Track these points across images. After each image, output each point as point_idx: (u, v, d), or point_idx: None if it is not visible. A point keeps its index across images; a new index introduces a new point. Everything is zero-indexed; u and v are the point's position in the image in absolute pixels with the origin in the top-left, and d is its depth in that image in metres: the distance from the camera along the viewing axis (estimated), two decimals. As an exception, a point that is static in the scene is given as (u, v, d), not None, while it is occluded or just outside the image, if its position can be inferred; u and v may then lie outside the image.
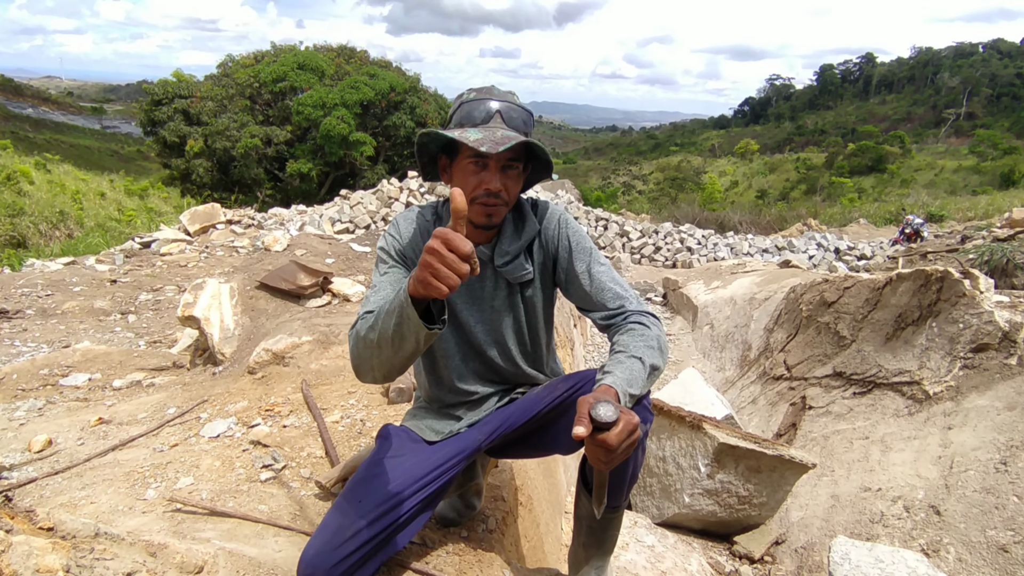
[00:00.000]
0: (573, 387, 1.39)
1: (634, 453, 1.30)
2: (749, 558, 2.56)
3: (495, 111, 1.31)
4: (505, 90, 1.38)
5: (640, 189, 46.96)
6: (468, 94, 1.37)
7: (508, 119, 1.32)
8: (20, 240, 12.65)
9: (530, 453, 1.61)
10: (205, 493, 1.82)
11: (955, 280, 2.95)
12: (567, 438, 1.39)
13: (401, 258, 1.42)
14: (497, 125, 1.30)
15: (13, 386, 3.07)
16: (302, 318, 3.26)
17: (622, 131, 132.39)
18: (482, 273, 1.43)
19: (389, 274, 1.38)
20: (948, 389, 2.72)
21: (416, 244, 1.43)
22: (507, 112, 1.32)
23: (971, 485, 2.23)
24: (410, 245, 1.42)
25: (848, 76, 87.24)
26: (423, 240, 1.42)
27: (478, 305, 1.46)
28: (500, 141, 1.24)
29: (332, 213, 10.42)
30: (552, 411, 1.42)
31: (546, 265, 1.46)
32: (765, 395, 3.96)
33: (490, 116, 1.31)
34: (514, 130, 1.31)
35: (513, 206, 1.44)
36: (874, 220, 17.47)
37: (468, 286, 1.44)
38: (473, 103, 1.33)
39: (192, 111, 20.19)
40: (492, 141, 1.24)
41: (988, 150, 45.35)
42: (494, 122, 1.31)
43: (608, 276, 1.41)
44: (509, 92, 1.38)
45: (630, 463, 1.32)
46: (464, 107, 1.33)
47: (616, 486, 1.36)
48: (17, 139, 29.84)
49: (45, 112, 73.18)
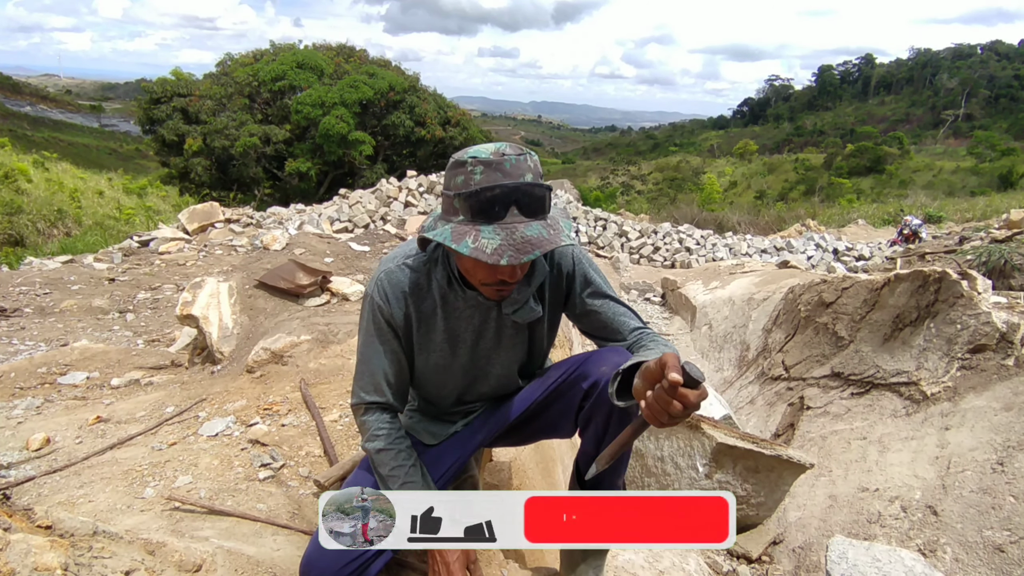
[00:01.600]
0: (565, 373, 1.40)
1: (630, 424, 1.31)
2: (747, 558, 2.57)
3: (512, 202, 1.11)
4: (513, 148, 1.15)
5: (639, 189, 46.98)
6: (474, 170, 1.13)
7: (528, 207, 1.12)
8: (18, 238, 12.63)
9: (527, 440, 1.62)
10: (203, 492, 1.82)
11: (953, 281, 2.96)
12: (565, 422, 1.41)
13: (391, 329, 1.33)
14: (515, 220, 1.11)
15: (11, 384, 3.06)
16: (301, 317, 3.26)
17: (621, 131, 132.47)
18: (487, 316, 1.36)
19: (381, 350, 1.33)
20: (946, 390, 2.73)
21: (405, 310, 1.33)
22: (525, 198, 1.12)
23: (968, 485, 2.23)
24: (400, 314, 1.33)
25: (847, 77, 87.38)
26: (410, 300, 1.32)
27: (482, 346, 1.41)
28: (521, 247, 1.08)
29: (331, 212, 10.41)
30: (547, 397, 1.43)
31: (557, 301, 1.42)
32: (763, 395, 3.97)
33: (506, 208, 1.11)
34: (535, 217, 1.13)
35: None
36: (872, 221, 17.49)
37: (475, 332, 1.37)
38: (483, 195, 1.11)
39: (191, 110, 20.15)
40: (512, 248, 1.08)
41: (986, 151, 45.47)
42: (511, 216, 1.11)
43: (621, 309, 1.39)
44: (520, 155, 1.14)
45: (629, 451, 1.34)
46: (473, 199, 1.11)
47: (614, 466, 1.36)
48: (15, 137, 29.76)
49: (43, 110, 73.02)
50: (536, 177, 1.14)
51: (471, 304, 1.34)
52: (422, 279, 1.33)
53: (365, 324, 1.35)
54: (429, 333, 1.36)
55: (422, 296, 1.33)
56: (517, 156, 1.13)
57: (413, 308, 1.33)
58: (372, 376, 1.35)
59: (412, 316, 1.34)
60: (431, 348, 1.38)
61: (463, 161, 1.14)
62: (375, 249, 4.98)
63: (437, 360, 1.39)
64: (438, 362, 1.39)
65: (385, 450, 1.33)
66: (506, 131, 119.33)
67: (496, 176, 1.11)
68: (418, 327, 1.35)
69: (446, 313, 1.35)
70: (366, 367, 1.35)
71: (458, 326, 1.36)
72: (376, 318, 1.33)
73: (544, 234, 1.11)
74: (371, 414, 1.36)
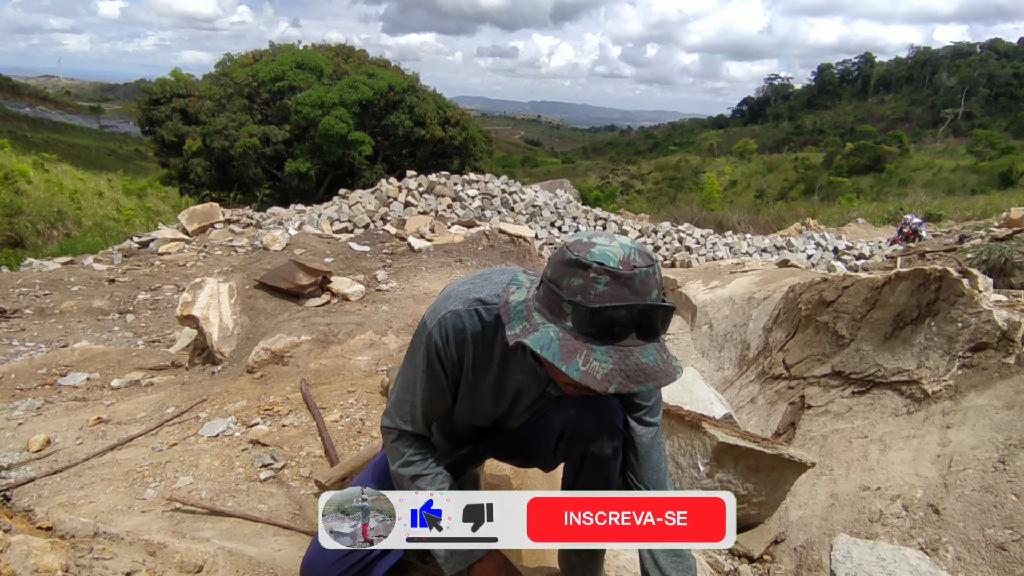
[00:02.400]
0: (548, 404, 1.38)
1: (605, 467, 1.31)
2: (748, 557, 2.56)
3: (634, 325, 0.98)
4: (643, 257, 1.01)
5: (639, 189, 46.95)
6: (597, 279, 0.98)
7: (648, 331, 1.00)
8: (18, 239, 12.63)
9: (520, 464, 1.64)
10: (204, 492, 1.82)
11: (954, 279, 2.96)
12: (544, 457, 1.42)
13: (443, 370, 1.27)
14: (632, 343, 0.99)
15: (11, 386, 3.06)
16: (301, 317, 3.26)
17: (620, 131, 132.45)
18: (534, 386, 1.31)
19: (427, 386, 1.28)
20: (947, 388, 2.72)
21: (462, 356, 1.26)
22: (648, 322, 0.99)
23: (970, 484, 2.23)
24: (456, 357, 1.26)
25: (846, 76, 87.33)
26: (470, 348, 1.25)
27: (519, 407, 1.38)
28: (633, 376, 0.97)
29: (331, 212, 10.41)
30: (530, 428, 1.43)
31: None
32: (764, 394, 3.96)
33: (627, 332, 0.99)
34: (652, 339, 1.01)
35: None
36: (872, 220, 17.48)
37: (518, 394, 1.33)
38: (605, 314, 0.97)
39: (190, 110, 20.16)
40: (623, 375, 0.97)
41: (986, 150, 45.44)
42: (629, 339, 0.99)
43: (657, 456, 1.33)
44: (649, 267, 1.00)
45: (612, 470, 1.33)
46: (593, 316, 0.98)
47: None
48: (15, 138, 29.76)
49: (43, 111, 73.02)
50: (661, 292, 1.02)
51: (527, 372, 1.28)
52: (488, 332, 1.24)
53: (418, 357, 1.28)
54: (478, 383, 1.31)
55: (484, 349, 1.26)
56: (647, 269, 1.00)
57: (471, 357, 1.26)
58: (412, 408, 1.30)
59: (468, 364, 1.27)
60: (476, 397, 1.33)
61: (587, 264, 0.99)
62: (375, 249, 4.98)
63: (477, 407, 1.36)
64: (476, 409, 1.36)
65: (422, 476, 1.31)
66: (506, 131, 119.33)
67: (623, 293, 0.97)
68: (469, 374, 1.30)
69: (500, 370, 1.29)
70: (408, 396, 1.30)
71: (506, 385, 1.31)
72: (430, 355, 1.25)
73: (659, 362, 0.99)
74: (404, 441, 1.34)
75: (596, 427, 1.26)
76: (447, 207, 11.12)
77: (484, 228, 6.35)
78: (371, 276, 4.18)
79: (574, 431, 1.27)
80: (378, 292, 3.87)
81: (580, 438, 1.26)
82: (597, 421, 1.26)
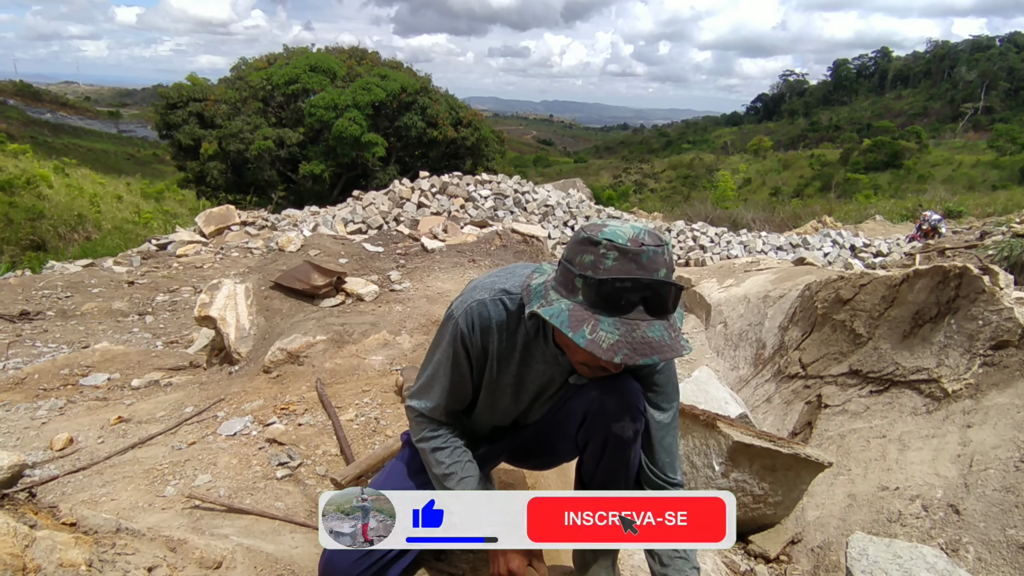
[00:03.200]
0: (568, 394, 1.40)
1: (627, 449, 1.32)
2: (765, 557, 2.54)
3: (641, 299, 1.03)
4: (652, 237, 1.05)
5: (652, 187, 46.69)
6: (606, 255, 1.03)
7: (655, 306, 1.04)
8: (40, 243, 12.88)
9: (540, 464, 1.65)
10: (223, 490, 1.84)
11: (974, 276, 2.91)
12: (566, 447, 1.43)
13: (468, 358, 1.31)
14: (639, 317, 1.03)
15: (35, 386, 3.12)
16: (316, 317, 3.29)
17: (633, 129, 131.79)
18: (555, 376, 1.34)
19: (451, 372, 1.32)
20: (967, 387, 2.68)
21: (487, 345, 1.30)
22: (656, 297, 1.03)
23: (991, 484, 2.19)
24: (480, 346, 1.30)
25: (863, 71, 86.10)
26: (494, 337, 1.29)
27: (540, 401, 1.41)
28: (640, 348, 1.01)
29: (345, 214, 10.48)
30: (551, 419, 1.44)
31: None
32: (780, 393, 3.93)
33: (633, 305, 1.03)
34: (660, 316, 1.05)
35: None
36: (890, 217, 17.22)
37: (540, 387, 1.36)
38: (611, 286, 1.02)
39: (206, 114, 20.43)
40: (630, 347, 1.01)
41: (1007, 144, 44.55)
42: (636, 312, 1.03)
43: (670, 442, 1.36)
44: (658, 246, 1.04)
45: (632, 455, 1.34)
46: (600, 287, 1.03)
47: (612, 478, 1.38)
48: (36, 144, 30.35)
49: (63, 117, 74.36)
50: (670, 272, 1.05)
51: (549, 360, 1.31)
52: (512, 322, 1.28)
53: (444, 343, 1.32)
54: (501, 374, 1.34)
55: (507, 337, 1.29)
56: (655, 248, 1.04)
57: (495, 346, 1.30)
58: (434, 393, 1.35)
59: (492, 353, 1.31)
60: (497, 389, 1.36)
61: (597, 241, 1.05)
62: (389, 250, 5.01)
63: (498, 400, 1.38)
64: (497, 402, 1.39)
65: (441, 448, 1.35)
66: (518, 131, 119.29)
67: (630, 267, 1.02)
68: (492, 364, 1.33)
69: (523, 360, 1.32)
70: (432, 382, 1.35)
71: (527, 376, 1.34)
72: (456, 343, 1.29)
73: (666, 338, 1.03)
74: (424, 419, 1.39)
75: (619, 409, 1.27)
76: (460, 207, 11.15)
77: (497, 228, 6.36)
78: (385, 276, 4.21)
79: (598, 412, 1.28)
80: (392, 292, 3.90)
81: (603, 420, 1.27)
82: (620, 403, 1.27)
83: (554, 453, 1.51)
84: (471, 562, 1.54)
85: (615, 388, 1.28)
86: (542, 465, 1.65)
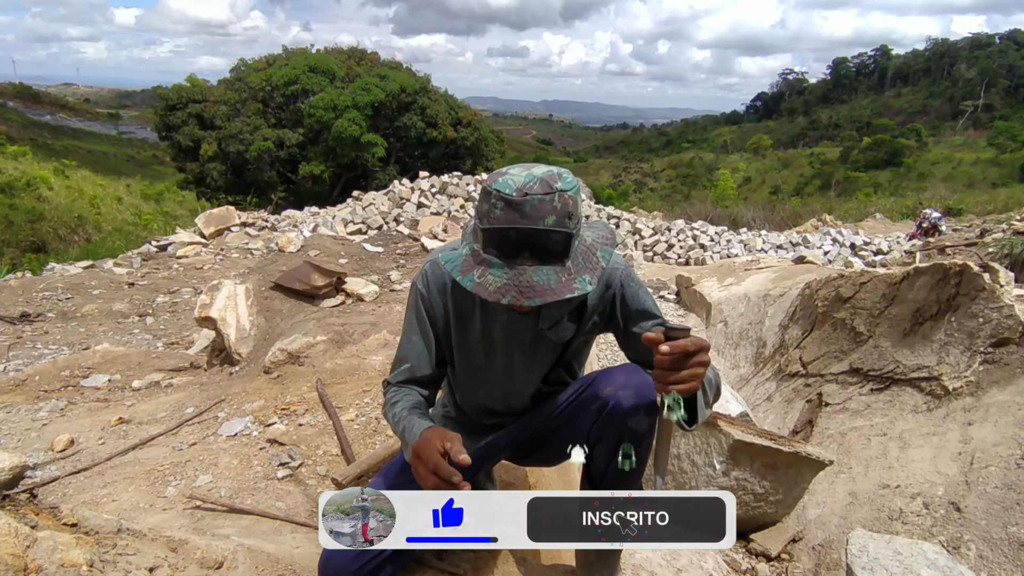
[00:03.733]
0: (575, 394, 1.40)
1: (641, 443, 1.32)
2: (766, 556, 2.54)
3: (524, 246, 1.10)
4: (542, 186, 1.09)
5: (652, 187, 46.68)
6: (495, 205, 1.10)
7: (542, 253, 1.10)
8: (40, 245, 12.89)
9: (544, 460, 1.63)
10: (223, 491, 1.84)
11: (974, 274, 2.91)
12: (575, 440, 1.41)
13: (429, 319, 1.37)
14: (526, 263, 1.10)
15: (36, 387, 3.12)
16: (316, 318, 3.29)
17: (633, 128, 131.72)
18: (523, 326, 1.36)
19: (418, 336, 1.37)
20: (968, 384, 2.68)
21: (445, 304, 1.36)
22: (539, 244, 1.10)
23: (992, 481, 2.19)
24: (439, 305, 1.36)
25: (862, 69, 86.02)
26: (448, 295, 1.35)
27: (517, 358, 1.41)
28: (525, 292, 1.08)
29: (345, 214, 10.48)
30: (559, 419, 1.43)
31: (596, 323, 1.40)
32: (780, 392, 3.93)
33: (518, 251, 1.10)
34: (549, 263, 1.11)
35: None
36: (890, 215, 17.21)
37: (509, 338, 1.37)
38: (496, 234, 1.10)
39: (206, 115, 20.45)
40: (516, 290, 1.09)
41: (1007, 142, 44.53)
42: (522, 259, 1.10)
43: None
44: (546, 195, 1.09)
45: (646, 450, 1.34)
46: (488, 235, 1.11)
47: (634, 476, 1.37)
48: (36, 146, 30.37)
49: (63, 119, 74.40)
50: (561, 219, 1.10)
51: (507, 309, 1.32)
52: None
53: (408, 312, 1.39)
54: (466, 331, 1.38)
55: (462, 293, 1.34)
56: (542, 196, 1.08)
57: (452, 304, 1.35)
58: (404, 359, 1.39)
59: (451, 311, 1.36)
60: (468, 347, 1.39)
61: (489, 191, 1.12)
62: (389, 250, 5.01)
63: (473, 360, 1.40)
64: (474, 363, 1.41)
65: (395, 403, 1.33)
66: (517, 130, 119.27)
67: (513, 217, 1.08)
68: (456, 323, 1.37)
69: (484, 313, 1.35)
70: (401, 350, 1.39)
71: (494, 329, 1.36)
72: (417, 305, 1.36)
73: (552, 282, 1.09)
74: (390, 387, 1.39)
75: (634, 404, 1.27)
76: (460, 207, 11.15)
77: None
78: (385, 276, 4.21)
79: (614, 407, 1.28)
80: (392, 292, 3.90)
81: (618, 415, 1.27)
82: (635, 398, 1.27)
83: (561, 448, 1.50)
84: (471, 562, 1.54)
85: (629, 383, 1.29)
86: (546, 461, 1.64)
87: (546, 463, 1.68)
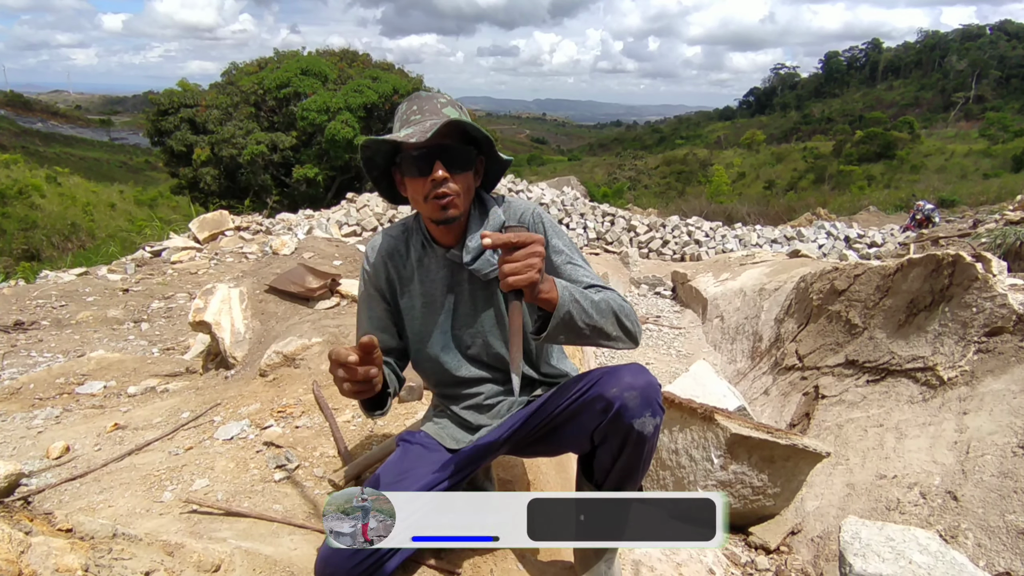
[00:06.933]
0: (579, 392, 1.39)
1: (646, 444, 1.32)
2: (765, 548, 2.55)
3: (417, 109, 1.39)
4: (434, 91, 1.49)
5: (646, 184, 46.70)
6: (400, 103, 1.46)
7: (431, 112, 1.38)
8: (34, 252, 12.84)
9: (543, 452, 1.62)
10: (220, 494, 1.83)
11: (967, 264, 2.92)
12: (580, 440, 1.41)
13: (377, 292, 1.51)
14: (425, 118, 1.36)
15: (30, 395, 3.11)
16: (311, 320, 3.28)
17: (626, 126, 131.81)
18: (458, 277, 1.46)
19: (368, 313, 1.52)
20: (963, 374, 2.69)
21: (387, 274, 1.50)
22: (427, 105, 1.40)
23: (988, 470, 2.20)
24: (383, 276, 1.50)
25: (854, 63, 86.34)
26: (389, 264, 1.50)
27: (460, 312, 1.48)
28: (428, 129, 1.29)
29: (339, 217, 10.46)
30: (562, 416, 1.42)
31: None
32: (777, 385, 3.94)
33: (417, 115, 1.38)
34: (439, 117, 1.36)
35: (476, 201, 1.46)
36: (884, 207, 17.29)
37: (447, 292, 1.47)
38: (398, 107, 1.44)
39: (198, 120, 20.36)
40: (420, 131, 1.30)
41: (999, 133, 44.79)
42: (421, 117, 1.37)
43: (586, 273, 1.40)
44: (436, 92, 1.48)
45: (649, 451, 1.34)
46: (394, 112, 1.46)
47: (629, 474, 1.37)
48: (28, 154, 30.25)
49: (54, 126, 74.07)
50: (450, 104, 1.40)
51: (443, 264, 1.46)
52: (400, 245, 1.50)
53: (359, 290, 1.54)
54: (411, 299, 1.49)
55: (401, 261, 1.49)
56: (429, 91, 1.54)
57: (394, 271, 1.49)
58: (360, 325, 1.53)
59: (394, 280, 1.49)
60: (413, 314, 1.49)
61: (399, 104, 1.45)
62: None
63: (420, 327, 1.49)
64: (421, 328, 1.49)
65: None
66: (511, 129, 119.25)
67: (411, 100, 1.43)
68: (401, 292, 1.50)
69: (422, 276, 1.48)
70: (357, 330, 1.53)
71: (433, 288, 1.47)
72: (366, 281, 1.51)
73: (438, 119, 1.32)
74: None
75: (641, 405, 1.28)
76: (454, 208, 11.13)
77: (492, 227, 6.34)
78: (380, 278, 4.19)
79: (621, 408, 1.28)
80: (387, 293, 3.89)
81: (626, 417, 1.28)
82: (642, 399, 1.28)
83: (562, 445, 1.50)
84: (470, 559, 1.54)
85: (634, 384, 1.29)
86: (544, 453, 1.63)
87: (545, 455, 1.68)
